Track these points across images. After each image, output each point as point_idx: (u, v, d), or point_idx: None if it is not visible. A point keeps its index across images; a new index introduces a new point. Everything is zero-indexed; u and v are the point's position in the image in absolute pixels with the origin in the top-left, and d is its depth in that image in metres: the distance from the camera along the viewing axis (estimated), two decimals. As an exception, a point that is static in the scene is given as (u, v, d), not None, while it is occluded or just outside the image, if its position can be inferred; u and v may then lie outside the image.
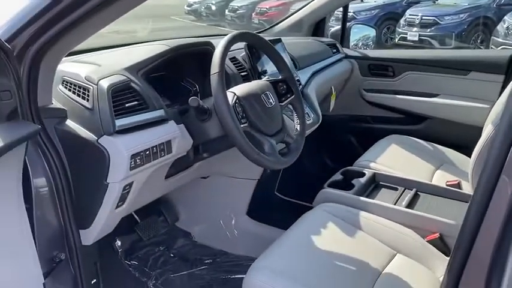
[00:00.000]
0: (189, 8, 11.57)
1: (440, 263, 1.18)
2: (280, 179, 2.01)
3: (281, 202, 2.01)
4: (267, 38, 1.39)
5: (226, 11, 10.38)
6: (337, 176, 1.61)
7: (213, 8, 10.94)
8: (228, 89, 1.16)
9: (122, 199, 1.13)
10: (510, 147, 0.63)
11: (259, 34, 1.48)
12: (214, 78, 1.11)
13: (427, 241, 1.27)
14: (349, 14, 2.54)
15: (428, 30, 7.35)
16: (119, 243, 1.63)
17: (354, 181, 1.55)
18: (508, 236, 0.61)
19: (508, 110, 0.65)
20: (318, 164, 2.38)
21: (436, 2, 8.30)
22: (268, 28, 2.40)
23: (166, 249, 1.77)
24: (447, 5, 7.80)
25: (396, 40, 7.75)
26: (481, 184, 0.66)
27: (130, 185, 1.12)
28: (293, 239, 1.23)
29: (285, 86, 1.35)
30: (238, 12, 10.12)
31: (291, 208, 1.96)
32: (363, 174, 1.59)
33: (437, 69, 2.16)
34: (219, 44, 1.17)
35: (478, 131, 1.41)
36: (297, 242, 1.21)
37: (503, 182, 0.63)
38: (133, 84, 1.12)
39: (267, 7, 9.43)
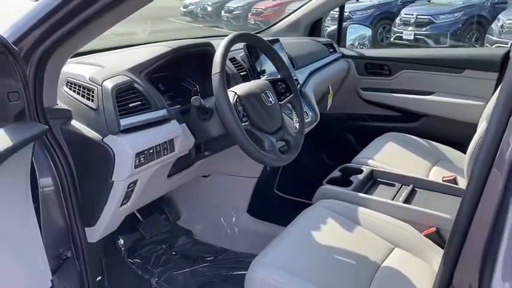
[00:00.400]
0: (185, 10, 11.53)
1: (437, 255, 1.21)
2: (280, 177, 2.04)
3: (281, 199, 2.03)
4: (265, 39, 1.42)
5: (222, 12, 10.37)
6: (336, 173, 1.63)
7: (209, 9, 10.93)
8: (228, 89, 1.19)
9: (127, 197, 1.15)
10: (501, 141, 0.66)
11: (257, 35, 1.51)
12: (215, 78, 1.13)
13: (424, 235, 1.30)
14: (344, 13, 2.57)
15: (424, 29, 7.40)
16: (121, 241, 1.65)
17: (352, 178, 1.57)
18: (500, 226, 0.63)
19: (498, 106, 0.67)
20: (317, 162, 2.40)
21: (431, 1, 8.35)
22: (266, 28, 2.42)
23: (168, 247, 1.79)
24: (442, 4, 7.86)
25: (392, 39, 7.79)
26: (473, 177, 0.68)
27: (134, 183, 1.14)
28: (293, 234, 1.25)
29: (283, 85, 1.38)
30: (234, 13, 10.12)
31: (291, 205, 1.98)
32: (361, 171, 1.62)
33: (432, 67, 2.18)
34: (220, 45, 1.19)
35: (473, 127, 1.44)
36: (297, 237, 1.23)
37: (495, 175, 0.65)
38: (136, 85, 1.14)
39: (263, 8, 9.44)
